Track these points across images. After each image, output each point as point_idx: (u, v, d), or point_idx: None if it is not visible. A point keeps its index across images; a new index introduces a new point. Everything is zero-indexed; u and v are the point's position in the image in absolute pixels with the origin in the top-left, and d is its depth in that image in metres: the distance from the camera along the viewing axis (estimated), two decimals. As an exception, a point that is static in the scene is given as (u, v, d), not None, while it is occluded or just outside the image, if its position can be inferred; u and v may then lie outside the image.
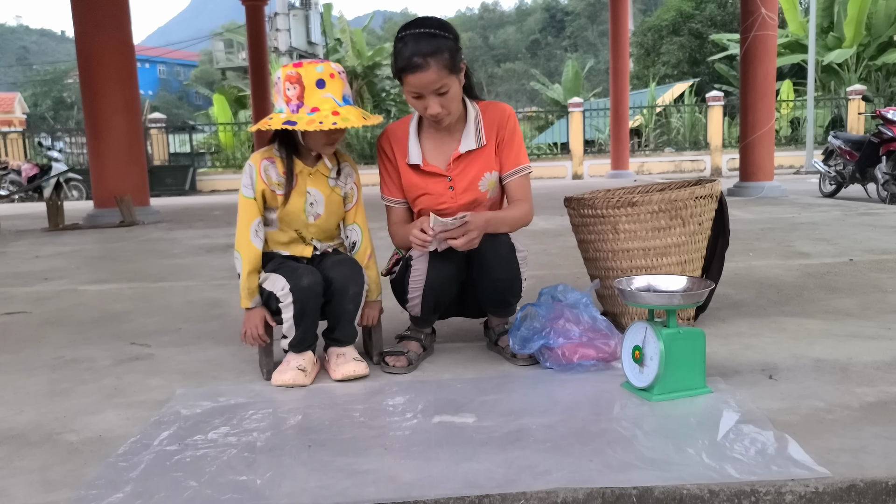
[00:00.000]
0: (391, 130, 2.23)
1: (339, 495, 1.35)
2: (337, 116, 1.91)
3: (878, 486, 1.33)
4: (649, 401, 1.78)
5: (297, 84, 1.92)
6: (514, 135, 2.19)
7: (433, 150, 2.18)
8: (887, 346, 2.20)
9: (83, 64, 7.55)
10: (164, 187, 15.43)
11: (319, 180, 2.11)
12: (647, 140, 18.47)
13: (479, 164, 2.16)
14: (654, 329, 1.79)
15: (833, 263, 3.66)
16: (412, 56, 1.95)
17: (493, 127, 2.17)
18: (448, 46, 1.98)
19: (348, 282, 2.05)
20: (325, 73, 1.94)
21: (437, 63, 1.96)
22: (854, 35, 18.67)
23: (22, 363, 2.36)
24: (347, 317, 2.09)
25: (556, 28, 57.79)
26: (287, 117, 1.93)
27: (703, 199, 2.32)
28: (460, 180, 2.16)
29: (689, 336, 1.80)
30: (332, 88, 1.94)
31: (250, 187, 2.05)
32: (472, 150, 2.15)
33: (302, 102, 1.93)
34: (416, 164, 2.16)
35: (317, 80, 1.93)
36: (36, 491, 1.42)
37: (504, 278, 2.11)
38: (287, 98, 1.94)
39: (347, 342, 2.13)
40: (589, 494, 1.33)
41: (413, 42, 1.97)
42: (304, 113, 1.92)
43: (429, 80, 1.97)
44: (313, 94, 1.92)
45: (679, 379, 1.79)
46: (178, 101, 51.25)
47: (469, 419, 1.71)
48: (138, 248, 5.52)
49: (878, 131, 7.70)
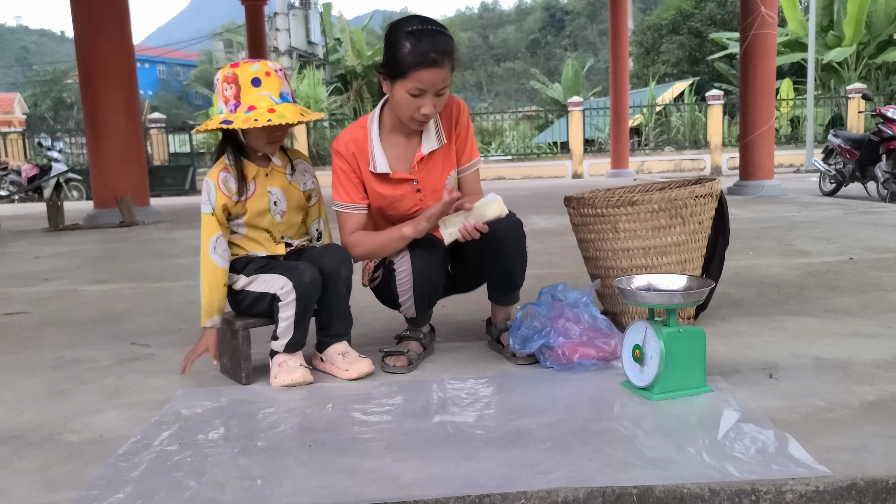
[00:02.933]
0: (351, 137, 2.11)
1: (340, 495, 1.35)
2: (272, 114, 1.91)
3: (878, 484, 1.33)
4: (650, 400, 1.78)
5: (234, 84, 1.93)
6: (469, 130, 2.18)
7: (397, 156, 2.12)
8: (888, 344, 2.20)
9: (83, 64, 7.56)
10: (164, 187, 15.44)
11: (278, 178, 2.12)
12: (647, 139, 18.46)
13: (441, 164, 2.14)
14: (654, 328, 1.79)
15: (833, 262, 3.66)
16: (430, 51, 1.90)
17: (449, 124, 2.15)
18: (455, 48, 1.98)
19: (340, 265, 2.06)
20: (260, 71, 1.95)
21: (450, 62, 1.95)
22: (854, 33, 18.65)
23: (22, 363, 2.36)
24: (342, 303, 2.09)
25: (555, 27, 57.77)
26: (225, 117, 1.95)
27: (703, 198, 2.32)
28: (427, 182, 2.12)
29: (690, 335, 1.80)
30: (269, 86, 1.95)
31: (208, 203, 2.04)
32: (434, 150, 2.12)
33: (239, 102, 1.94)
34: (384, 172, 2.08)
35: (252, 79, 1.93)
36: (36, 491, 1.42)
37: (515, 255, 2.10)
38: (225, 98, 1.95)
39: (346, 335, 2.13)
40: (589, 494, 1.33)
41: (430, 38, 1.92)
42: (241, 112, 1.93)
43: (440, 77, 1.94)
44: (249, 93, 1.93)
45: (679, 378, 1.79)
46: (178, 101, 51.24)
47: (469, 419, 1.71)
48: (138, 249, 5.52)
49: (878, 130, 7.70)
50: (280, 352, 2.05)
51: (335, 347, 2.11)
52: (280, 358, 2.05)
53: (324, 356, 2.13)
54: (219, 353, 2.11)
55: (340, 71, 25.43)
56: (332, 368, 2.09)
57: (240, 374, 2.05)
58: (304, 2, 28.16)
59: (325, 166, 17.25)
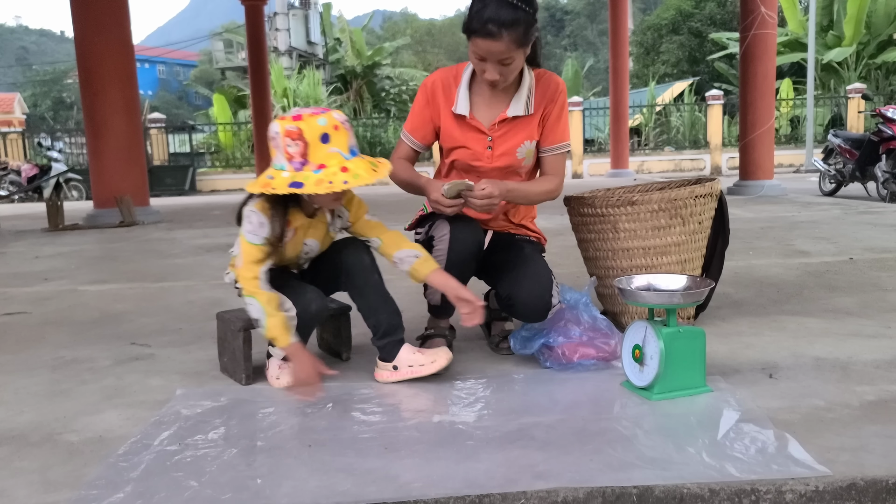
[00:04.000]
0: (443, 74, 2.17)
1: (340, 495, 1.35)
2: (346, 174, 1.76)
3: (878, 484, 1.33)
4: (649, 400, 1.78)
5: (300, 140, 1.76)
6: (563, 111, 2.18)
7: (481, 106, 2.14)
8: (887, 344, 2.20)
9: (83, 64, 7.55)
10: (164, 187, 15.44)
11: (319, 230, 2.01)
12: (647, 139, 18.47)
13: (521, 131, 2.14)
14: (654, 328, 1.79)
15: (833, 262, 3.66)
16: (488, 22, 1.88)
17: (543, 98, 2.15)
18: (525, 20, 1.91)
19: (361, 252, 1.99)
20: (328, 125, 1.78)
21: (510, 35, 1.90)
22: (854, 33, 18.66)
23: (22, 363, 2.36)
24: (380, 291, 1.99)
25: (555, 27, 57.73)
26: (291, 177, 1.76)
27: (702, 198, 2.32)
28: (501, 143, 2.14)
29: (689, 335, 1.80)
30: (338, 141, 1.79)
31: (257, 234, 1.88)
32: (518, 116, 2.13)
33: (306, 160, 1.77)
34: (462, 114, 2.12)
35: (321, 135, 1.76)
36: (36, 491, 1.42)
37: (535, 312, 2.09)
38: (289, 155, 1.78)
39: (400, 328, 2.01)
40: (589, 494, 1.33)
41: (494, 7, 1.88)
42: (310, 171, 1.76)
43: (498, 49, 1.93)
44: (318, 150, 1.77)
45: (679, 378, 1.80)
46: (178, 101, 51.23)
47: (469, 419, 1.71)
48: (138, 249, 5.51)
49: (878, 130, 7.70)
50: (275, 356, 2.03)
51: (406, 350, 1.98)
52: (279, 361, 2.03)
53: (397, 363, 1.98)
54: (219, 353, 2.10)
55: (340, 71, 25.45)
56: (414, 370, 1.97)
57: (240, 375, 2.05)
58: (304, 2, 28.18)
59: (325, 166, 17.31)
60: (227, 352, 2.11)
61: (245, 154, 18.05)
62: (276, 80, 18.83)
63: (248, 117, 17.24)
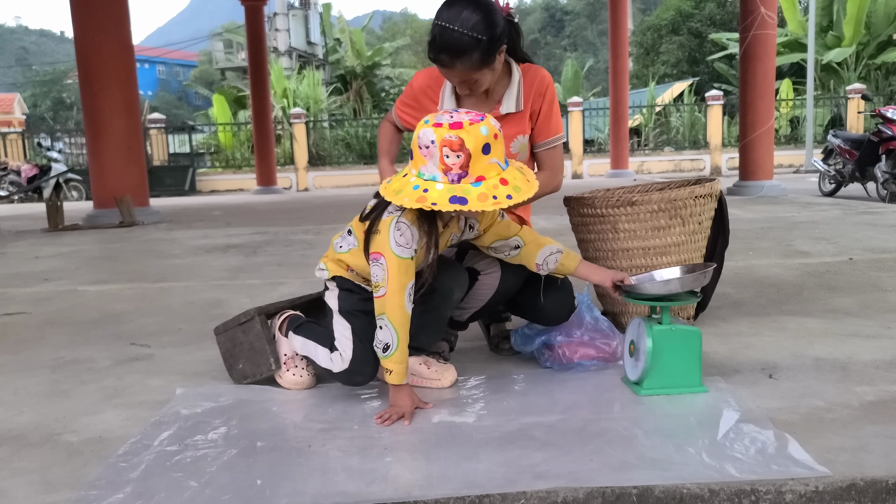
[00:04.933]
0: (424, 80, 2.18)
1: (340, 495, 1.35)
2: (507, 187, 1.63)
3: (878, 485, 1.33)
4: (638, 395, 1.82)
5: (461, 152, 1.61)
6: (553, 105, 2.17)
7: (469, 104, 2.14)
8: (887, 344, 2.20)
9: (83, 64, 7.55)
10: (164, 187, 15.43)
11: (445, 238, 1.87)
12: (647, 139, 18.47)
13: (514, 127, 2.14)
14: (646, 325, 1.83)
15: (833, 262, 3.66)
16: (440, 52, 1.91)
17: (530, 93, 2.15)
18: (480, 47, 1.89)
19: (455, 287, 1.91)
20: (489, 135, 1.63)
21: (464, 64, 1.91)
22: (853, 34, 18.66)
23: (22, 364, 2.36)
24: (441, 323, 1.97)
25: (555, 27, 57.77)
26: (449, 190, 1.61)
27: (702, 199, 2.32)
28: None
29: (682, 334, 1.82)
30: (497, 151, 1.65)
31: (408, 248, 1.71)
32: (510, 113, 2.13)
33: (466, 172, 1.62)
34: None
35: (483, 145, 1.62)
36: (36, 492, 1.42)
37: (560, 317, 2.09)
38: (445, 167, 1.62)
39: (426, 350, 2.02)
40: (589, 494, 1.33)
41: (446, 37, 1.88)
42: (469, 184, 1.62)
43: (455, 76, 1.97)
44: (479, 162, 1.62)
45: (670, 375, 1.81)
46: (178, 101, 51.23)
47: (469, 419, 1.71)
48: (138, 249, 5.51)
49: (878, 130, 7.70)
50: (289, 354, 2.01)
51: (413, 360, 1.93)
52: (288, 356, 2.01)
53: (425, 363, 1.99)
54: (230, 367, 2.05)
55: (340, 71, 25.44)
56: (416, 380, 1.95)
57: (267, 364, 1.96)
58: (304, 2, 28.19)
59: (325, 166, 17.32)
60: (241, 355, 2.03)
61: (245, 154, 18.04)
62: (275, 81, 18.82)
63: (248, 118, 17.24)
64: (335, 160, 17.83)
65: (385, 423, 1.70)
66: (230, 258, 4.75)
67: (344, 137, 18.43)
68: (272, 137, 15.07)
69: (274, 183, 14.80)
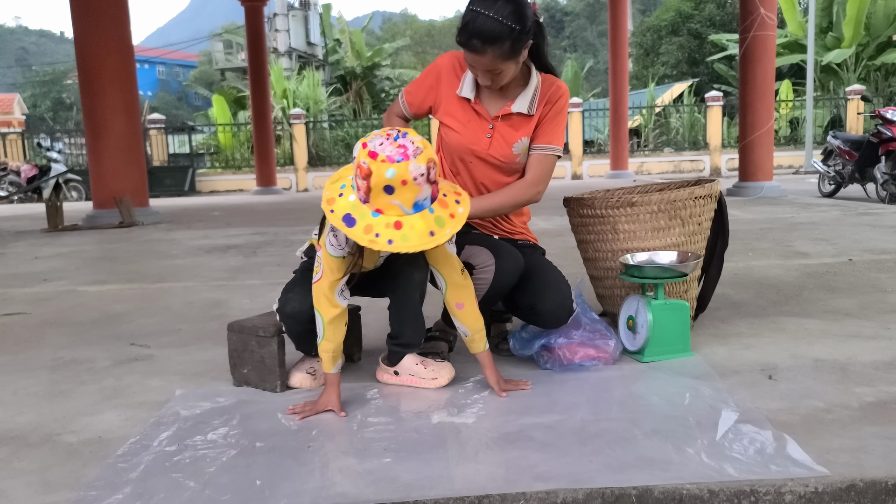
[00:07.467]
0: (452, 60, 2.18)
1: (339, 496, 1.35)
2: (397, 232, 1.62)
3: (877, 485, 1.34)
4: (641, 362, 2.07)
5: (366, 180, 1.62)
6: (559, 115, 2.17)
7: (486, 95, 2.15)
8: (886, 345, 2.20)
9: (82, 65, 7.55)
10: (164, 188, 15.43)
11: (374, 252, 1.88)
12: (647, 140, 18.47)
13: (521, 128, 2.15)
14: (644, 301, 2.08)
15: (832, 263, 3.66)
16: (472, 37, 1.92)
17: (544, 100, 2.16)
18: (512, 36, 1.91)
19: (413, 269, 1.91)
20: (396, 179, 1.59)
21: (495, 51, 1.93)
22: (853, 35, 18.67)
23: (21, 364, 2.36)
24: (415, 309, 1.96)
25: (555, 28, 57.73)
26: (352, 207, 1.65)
27: (702, 200, 2.32)
28: (500, 134, 2.14)
29: (675, 307, 2.11)
30: (402, 196, 1.62)
31: (341, 248, 1.78)
32: (521, 114, 2.14)
33: (367, 199, 1.64)
34: (468, 97, 2.14)
35: (384, 186, 1.61)
36: (35, 492, 1.42)
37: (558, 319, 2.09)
38: (357, 185, 1.66)
39: (417, 345, 2.03)
40: (589, 494, 1.33)
41: (480, 22, 1.90)
42: (369, 211, 1.64)
43: (483, 62, 1.96)
44: (380, 198, 1.63)
45: (665, 344, 2.10)
46: (178, 101, 51.22)
47: (469, 419, 1.71)
48: (138, 249, 5.51)
49: (877, 131, 7.70)
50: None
51: (410, 359, 1.99)
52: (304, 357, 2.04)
53: (398, 369, 2.00)
54: (233, 366, 2.05)
55: (340, 72, 25.45)
56: (413, 380, 1.98)
57: (273, 383, 1.97)
58: (304, 3, 28.17)
59: (325, 167, 17.32)
60: (249, 361, 2.01)
61: (245, 155, 18.04)
62: (275, 81, 18.82)
63: (248, 118, 17.24)
64: (335, 161, 17.83)
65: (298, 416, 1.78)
66: (230, 258, 4.75)
67: (344, 138, 18.43)
68: (272, 138, 15.07)
69: (273, 183, 14.81)
